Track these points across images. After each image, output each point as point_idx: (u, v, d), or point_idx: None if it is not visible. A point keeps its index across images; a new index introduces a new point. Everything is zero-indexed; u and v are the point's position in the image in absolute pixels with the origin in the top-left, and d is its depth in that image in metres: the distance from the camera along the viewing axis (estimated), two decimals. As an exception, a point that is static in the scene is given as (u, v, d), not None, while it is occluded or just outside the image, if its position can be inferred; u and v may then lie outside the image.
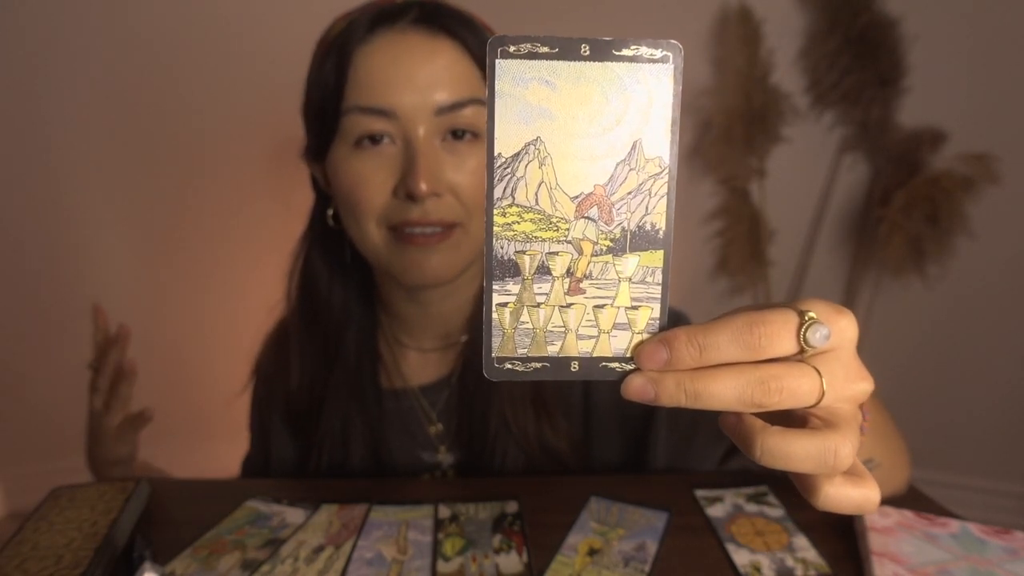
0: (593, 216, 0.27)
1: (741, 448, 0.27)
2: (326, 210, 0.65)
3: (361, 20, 0.58)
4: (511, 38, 0.26)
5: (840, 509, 0.27)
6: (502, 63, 0.26)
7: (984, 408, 1.70)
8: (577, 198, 0.27)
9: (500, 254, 0.27)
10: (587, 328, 0.28)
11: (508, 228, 0.27)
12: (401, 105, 0.56)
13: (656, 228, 0.28)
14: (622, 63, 0.26)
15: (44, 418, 1.75)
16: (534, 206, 0.27)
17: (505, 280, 0.28)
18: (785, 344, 0.27)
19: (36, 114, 1.66)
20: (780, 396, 0.26)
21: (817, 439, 0.26)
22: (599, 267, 0.28)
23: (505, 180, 0.27)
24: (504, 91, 0.26)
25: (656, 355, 0.27)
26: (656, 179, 0.27)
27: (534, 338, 0.28)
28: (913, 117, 1.56)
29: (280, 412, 0.73)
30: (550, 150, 0.27)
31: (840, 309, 0.28)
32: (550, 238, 0.27)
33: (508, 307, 0.28)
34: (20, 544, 0.51)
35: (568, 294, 0.28)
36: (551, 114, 0.26)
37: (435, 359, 0.71)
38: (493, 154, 0.27)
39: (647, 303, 0.28)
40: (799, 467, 0.26)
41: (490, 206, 0.27)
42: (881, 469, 0.49)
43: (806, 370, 0.27)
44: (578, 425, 0.67)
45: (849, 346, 0.29)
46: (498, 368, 0.28)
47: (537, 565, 0.49)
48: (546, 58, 0.26)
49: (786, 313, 0.27)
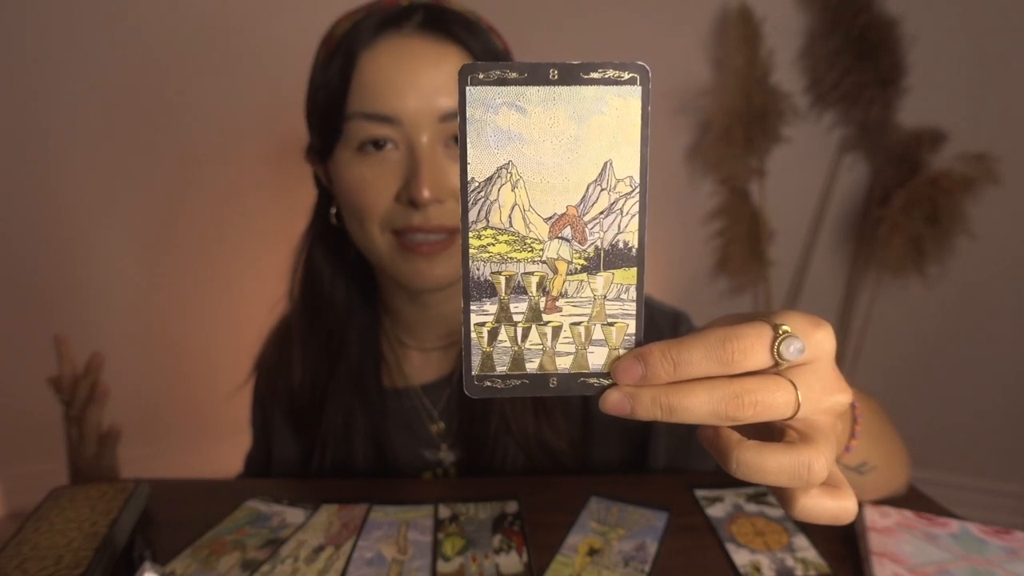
0: (567, 236, 0.28)
1: (718, 461, 0.28)
2: (328, 208, 0.65)
3: (366, 23, 0.57)
4: (480, 65, 0.26)
5: (816, 520, 0.28)
6: (472, 90, 0.27)
7: (984, 408, 1.70)
8: (550, 219, 0.28)
9: (476, 275, 0.28)
10: (564, 345, 0.29)
11: (483, 250, 0.28)
12: (405, 111, 0.56)
13: (629, 246, 0.28)
14: (590, 86, 0.27)
15: (44, 418, 1.74)
16: (508, 228, 0.28)
17: (482, 300, 0.28)
18: (759, 358, 0.27)
19: (35, 113, 1.66)
20: (755, 410, 0.26)
21: (791, 454, 0.26)
22: (574, 285, 0.28)
23: (479, 204, 0.28)
24: (475, 117, 0.27)
25: (632, 370, 0.27)
26: (627, 198, 0.28)
27: (512, 356, 0.29)
28: (913, 117, 1.56)
29: (282, 410, 0.73)
30: (522, 173, 0.27)
31: (817, 322, 0.28)
32: (525, 258, 0.28)
33: (486, 326, 0.28)
34: (20, 544, 0.51)
35: (545, 312, 0.29)
36: (522, 138, 0.27)
37: (436, 358, 0.71)
38: (467, 179, 0.27)
39: (622, 319, 0.29)
40: (774, 481, 0.26)
41: (465, 229, 0.28)
42: (877, 471, 0.49)
43: (781, 383, 0.27)
44: (577, 425, 0.67)
45: (826, 358, 0.29)
46: (478, 386, 0.29)
47: (537, 565, 0.49)
48: (515, 83, 0.27)
49: (760, 327, 0.27)
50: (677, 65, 1.64)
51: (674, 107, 1.69)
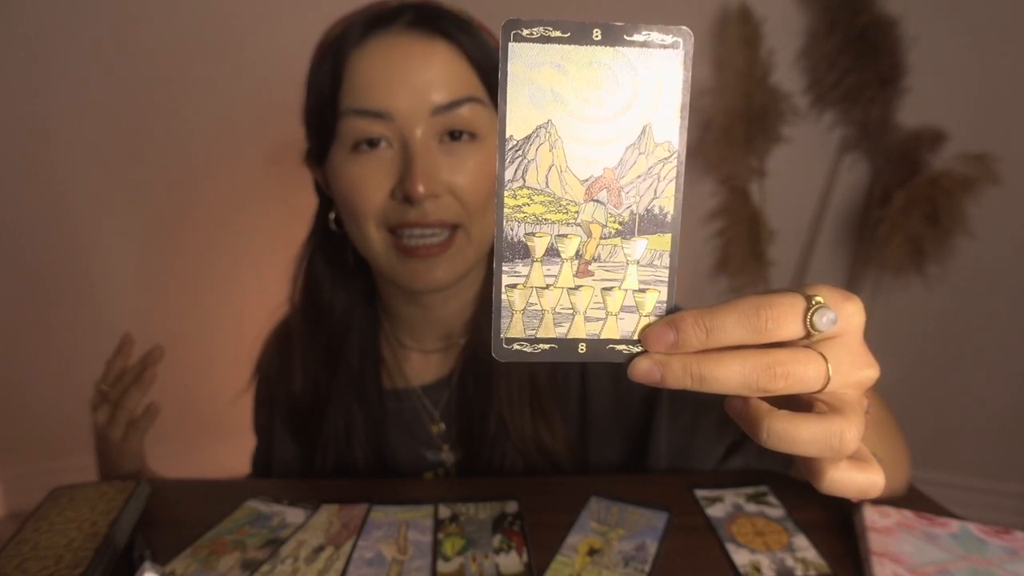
0: (602, 199, 0.28)
1: (747, 431, 0.27)
2: (329, 214, 0.66)
3: (356, 24, 0.58)
4: (525, 21, 0.26)
5: (845, 493, 0.27)
6: (515, 46, 0.26)
7: (984, 408, 1.70)
8: (587, 181, 0.27)
9: (510, 236, 0.28)
10: (595, 310, 0.28)
11: (518, 210, 0.27)
12: (397, 107, 0.56)
13: (664, 212, 0.28)
14: (633, 48, 0.26)
15: (44, 418, 1.75)
16: (544, 188, 0.27)
17: (515, 262, 0.28)
18: (792, 328, 0.27)
19: (37, 117, 1.65)
20: (786, 381, 0.26)
21: (823, 423, 0.26)
22: (607, 250, 0.28)
23: (516, 162, 0.27)
24: (517, 74, 0.26)
25: (663, 337, 0.27)
26: (665, 163, 0.27)
27: (542, 319, 0.28)
28: (913, 117, 1.56)
29: (282, 414, 0.73)
30: (561, 133, 0.27)
31: (847, 295, 0.28)
32: (560, 220, 0.28)
33: (517, 288, 0.28)
34: (20, 544, 0.51)
35: (577, 276, 0.28)
36: (562, 98, 0.27)
37: (437, 360, 0.71)
38: (505, 136, 0.27)
39: (654, 286, 0.28)
40: (805, 451, 0.26)
41: (501, 187, 0.27)
42: (883, 465, 0.49)
43: (812, 355, 0.27)
44: (575, 428, 0.67)
45: (856, 332, 0.29)
46: (507, 349, 0.28)
47: (537, 565, 0.49)
48: (558, 42, 0.26)
49: (793, 297, 0.27)
50: (677, 65, 1.64)
51: (674, 107, 1.69)
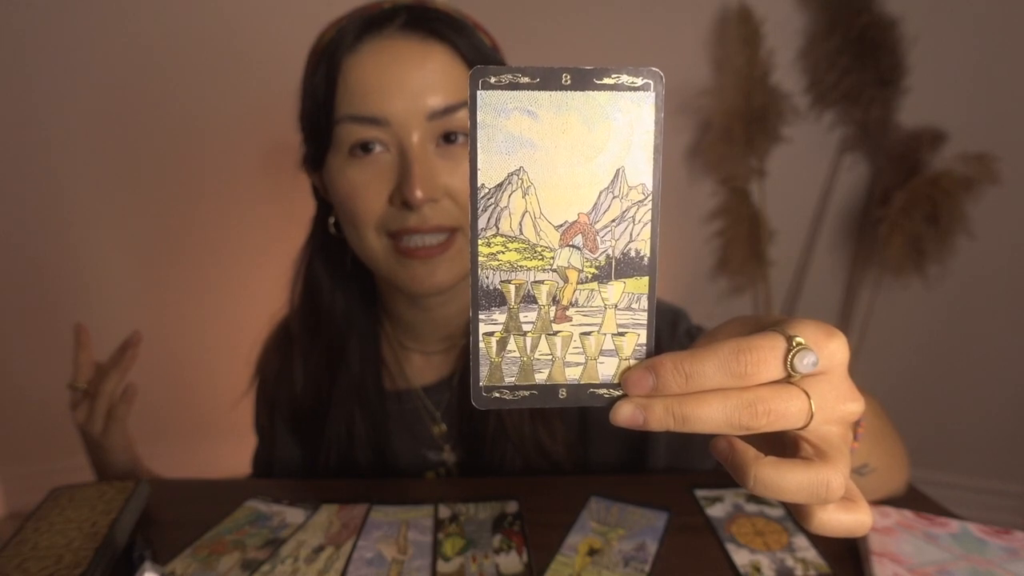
0: (578, 244, 0.28)
1: (734, 477, 0.27)
2: (327, 218, 0.65)
3: (349, 28, 0.57)
4: (492, 69, 0.26)
5: (833, 534, 0.27)
6: (483, 94, 0.26)
7: (984, 408, 1.70)
8: (561, 227, 0.27)
9: (485, 284, 0.28)
10: (574, 355, 0.28)
11: (493, 258, 0.27)
12: (393, 112, 0.55)
13: (641, 255, 0.28)
14: (603, 92, 0.26)
15: (44, 418, 1.74)
16: (518, 235, 0.27)
17: (491, 310, 0.28)
18: (772, 371, 0.26)
19: (35, 119, 1.65)
20: (768, 419, 0.26)
21: (809, 472, 0.26)
22: (585, 295, 0.28)
23: (489, 210, 0.27)
24: (486, 122, 0.26)
25: (643, 382, 0.27)
26: (640, 206, 0.27)
27: (521, 367, 0.28)
28: (913, 117, 1.56)
29: (283, 416, 0.73)
30: (533, 179, 0.27)
31: (831, 332, 0.28)
32: (535, 267, 0.28)
33: (495, 336, 0.28)
34: (20, 544, 0.51)
35: (555, 322, 0.28)
36: (533, 144, 0.27)
37: (438, 360, 0.71)
38: (476, 184, 0.27)
39: (633, 329, 0.28)
40: (792, 498, 0.26)
41: (474, 236, 0.27)
42: (877, 473, 0.49)
43: (794, 392, 0.27)
44: (575, 428, 0.67)
45: (839, 368, 0.28)
46: (486, 397, 0.28)
47: (537, 565, 0.49)
48: (527, 88, 0.26)
49: (774, 339, 0.27)
50: (677, 65, 1.64)
51: (674, 107, 1.69)
